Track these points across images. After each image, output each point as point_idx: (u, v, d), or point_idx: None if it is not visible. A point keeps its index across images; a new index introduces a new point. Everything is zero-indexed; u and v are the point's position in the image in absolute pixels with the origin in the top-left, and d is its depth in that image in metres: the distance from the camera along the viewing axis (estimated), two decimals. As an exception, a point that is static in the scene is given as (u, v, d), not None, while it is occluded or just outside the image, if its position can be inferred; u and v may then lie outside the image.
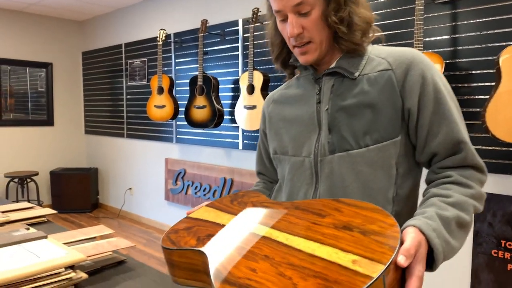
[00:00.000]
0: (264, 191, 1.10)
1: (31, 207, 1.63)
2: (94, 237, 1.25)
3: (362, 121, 0.83)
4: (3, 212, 1.50)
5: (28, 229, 1.21)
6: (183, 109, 3.92)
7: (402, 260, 0.58)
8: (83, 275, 0.99)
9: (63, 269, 0.96)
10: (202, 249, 0.70)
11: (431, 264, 0.69)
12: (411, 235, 0.64)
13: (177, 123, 4.12)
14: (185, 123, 4.01)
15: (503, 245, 2.17)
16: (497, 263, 2.19)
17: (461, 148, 0.81)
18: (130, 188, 4.86)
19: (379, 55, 0.87)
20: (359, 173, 0.84)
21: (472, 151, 0.82)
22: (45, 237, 1.13)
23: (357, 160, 0.84)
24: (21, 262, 0.95)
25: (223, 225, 0.77)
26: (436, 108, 0.82)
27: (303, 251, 0.60)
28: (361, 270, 0.53)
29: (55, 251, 1.03)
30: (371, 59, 0.87)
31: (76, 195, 4.94)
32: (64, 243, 1.17)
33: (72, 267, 1.00)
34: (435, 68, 0.85)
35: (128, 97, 4.70)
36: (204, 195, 3.85)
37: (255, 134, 3.40)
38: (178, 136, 4.13)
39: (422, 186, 0.89)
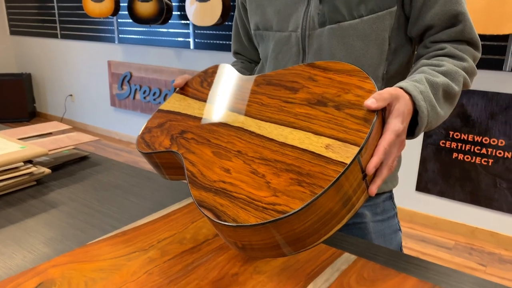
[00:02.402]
0: (243, 71, 1.01)
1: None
2: (50, 133, 1.12)
3: None
4: None
5: (-32, 125, 1.05)
6: (125, 4, 3.54)
7: (369, 102, 0.51)
8: (46, 170, 0.88)
9: (22, 163, 0.85)
10: (176, 150, 0.64)
11: (413, 130, 0.65)
12: (388, 88, 0.57)
13: (119, 20, 3.73)
14: (128, 20, 3.65)
15: (451, 135, 2.31)
16: (443, 153, 2.35)
17: (459, 20, 0.75)
18: (71, 95, 4.52)
19: None
20: (350, 48, 0.77)
21: (471, 24, 0.76)
22: (-8, 132, 0.99)
23: (349, 33, 0.77)
24: (-32, 157, 0.82)
25: (194, 117, 0.70)
26: None
27: (275, 140, 0.54)
28: (334, 156, 0.47)
29: (8, 145, 0.90)
30: None
31: (9, 103, 4.53)
32: (18, 139, 1.03)
33: (30, 162, 0.89)
34: None
35: (58, -10, 4.13)
36: (154, 99, 3.67)
37: (209, 32, 3.17)
38: (120, 36, 3.77)
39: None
